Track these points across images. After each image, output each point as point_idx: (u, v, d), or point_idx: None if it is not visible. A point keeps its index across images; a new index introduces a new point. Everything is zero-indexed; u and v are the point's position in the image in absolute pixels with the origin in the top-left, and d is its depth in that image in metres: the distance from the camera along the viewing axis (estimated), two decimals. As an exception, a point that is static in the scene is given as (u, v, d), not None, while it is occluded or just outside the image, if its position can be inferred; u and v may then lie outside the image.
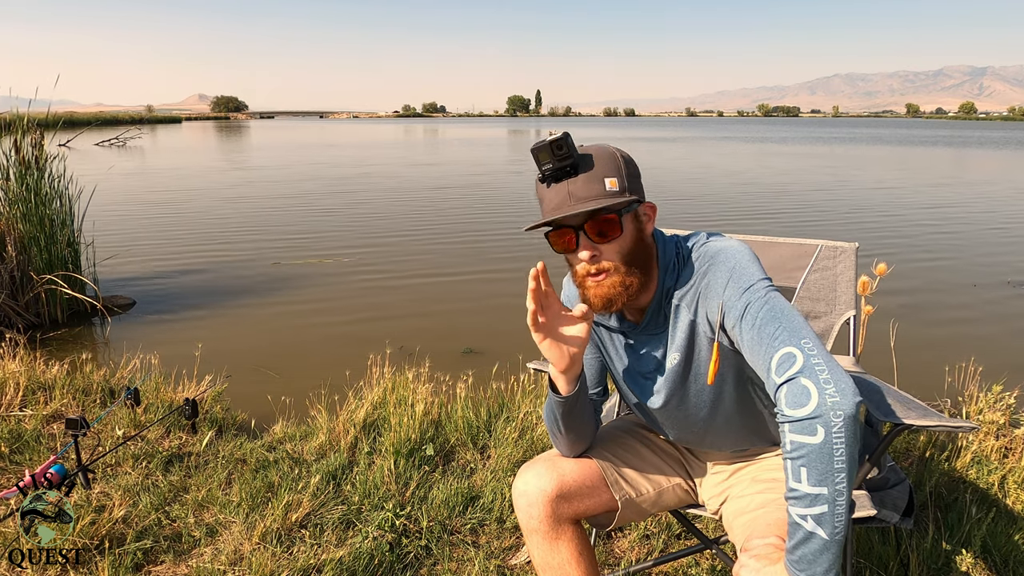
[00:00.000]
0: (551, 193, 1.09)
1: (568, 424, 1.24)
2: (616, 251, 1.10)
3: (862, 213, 9.73)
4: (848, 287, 1.90)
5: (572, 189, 1.07)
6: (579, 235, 1.09)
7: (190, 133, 49.36)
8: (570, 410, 1.21)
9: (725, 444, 1.31)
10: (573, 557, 1.24)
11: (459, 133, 52.83)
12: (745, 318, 1.04)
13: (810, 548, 0.89)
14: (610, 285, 1.11)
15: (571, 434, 1.26)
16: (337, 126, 79.93)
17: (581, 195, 1.07)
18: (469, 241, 7.69)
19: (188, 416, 2.58)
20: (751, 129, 65.20)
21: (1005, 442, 2.36)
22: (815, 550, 0.89)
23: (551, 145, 1.05)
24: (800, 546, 0.90)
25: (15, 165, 4.42)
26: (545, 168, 1.07)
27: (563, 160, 1.06)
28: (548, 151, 1.06)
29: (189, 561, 1.83)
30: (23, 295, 4.40)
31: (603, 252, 1.10)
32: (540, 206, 1.14)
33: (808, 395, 0.89)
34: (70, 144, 20.51)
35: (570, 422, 1.23)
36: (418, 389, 2.75)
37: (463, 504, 2.10)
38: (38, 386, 2.88)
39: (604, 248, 1.10)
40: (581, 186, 1.07)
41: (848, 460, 0.87)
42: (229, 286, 5.66)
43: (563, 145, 1.05)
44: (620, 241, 1.10)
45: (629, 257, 1.11)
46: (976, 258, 6.77)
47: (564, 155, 1.06)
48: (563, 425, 1.24)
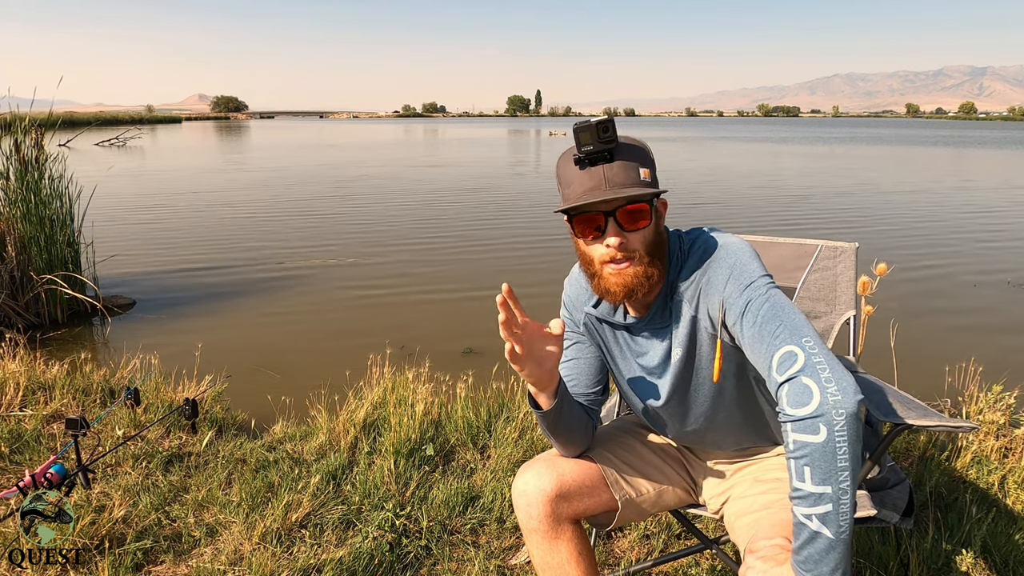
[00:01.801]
0: (584, 176, 1.09)
1: (557, 432, 1.24)
2: (642, 240, 1.11)
3: (861, 212, 9.73)
4: (848, 287, 1.90)
5: (608, 174, 1.07)
6: (608, 221, 1.09)
7: (190, 133, 49.36)
8: (555, 420, 1.20)
9: (726, 442, 1.31)
10: (573, 557, 1.24)
11: (459, 133, 52.84)
12: (746, 315, 1.04)
13: (816, 548, 0.89)
14: (632, 274, 1.11)
15: (563, 439, 1.26)
16: (337, 126, 79.93)
17: (617, 181, 1.07)
18: (469, 241, 7.69)
19: (188, 416, 2.58)
20: (752, 129, 65.21)
21: (1005, 442, 2.36)
22: (821, 550, 0.89)
23: (597, 127, 1.05)
24: (806, 546, 0.90)
25: (15, 165, 4.42)
26: (585, 149, 1.07)
27: (607, 144, 1.06)
28: (593, 132, 1.05)
29: (189, 561, 1.83)
30: (23, 295, 4.40)
31: (630, 240, 1.10)
32: (563, 189, 1.13)
33: (810, 394, 0.89)
34: (70, 144, 20.55)
35: (559, 429, 1.23)
36: (418, 389, 2.75)
37: (463, 504, 2.10)
38: (38, 386, 2.88)
39: (631, 237, 1.10)
40: (618, 172, 1.07)
41: (851, 458, 0.87)
42: (229, 286, 5.66)
43: (608, 128, 1.05)
44: (647, 230, 1.11)
45: (652, 248, 1.12)
46: (976, 258, 6.77)
47: (608, 138, 1.06)
48: (552, 433, 1.24)
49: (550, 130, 55.59)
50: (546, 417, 1.19)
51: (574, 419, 1.25)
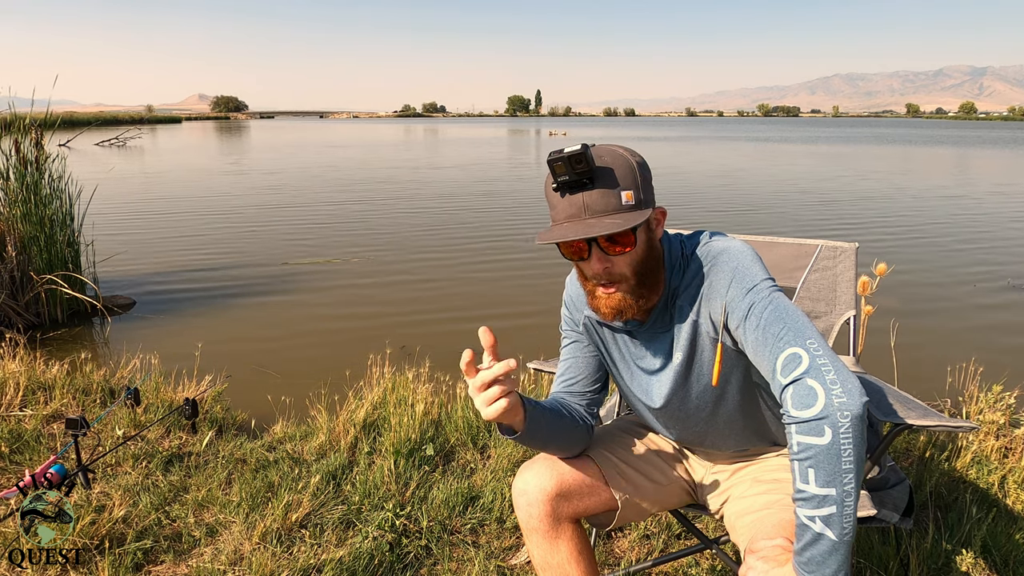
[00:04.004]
0: (564, 203, 1.06)
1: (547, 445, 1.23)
2: (628, 263, 1.09)
3: (861, 212, 9.74)
4: (848, 287, 1.90)
5: (588, 201, 1.04)
6: (591, 247, 1.07)
7: (190, 133, 49.36)
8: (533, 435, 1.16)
9: (726, 444, 1.31)
10: (572, 556, 1.24)
11: (460, 133, 52.84)
12: (749, 319, 1.03)
13: (819, 550, 0.89)
14: (620, 298, 1.10)
15: (553, 447, 1.25)
16: (337, 126, 79.95)
17: (597, 208, 1.03)
18: (470, 241, 7.69)
19: (188, 416, 2.58)
20: (753, 129, 65.19)
21: (1005, 442, 2.36)
22: (824, 551, 0.88)
23: (570, 159, 1.02)
24: (809, 548, 0.90)
25: (15, 165, 4.42)
26: (561, 179, 1.04)
27: (581, 174, 1.03)
28: (566, 163, 1.02)
29: (189, 561, 1.83)
30: (23, 295, 4.40)
31: (615, 264, 1.09)
32: (550, 210, 1.11)
33: (815, 396, 0.89)
34: (70, 144, 20.50)
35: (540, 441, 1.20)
36: (418, 389, 2.75)
37: (463, 504, 2.10)
38: (38, 386, 2.88)
39: (617, 260, 1.08)
40: (597, 199, 1.04)
41: (856, 461, 0.87)
42: (229, 286, 5.65)
43: (582, 159, 1.02)
44: (633, 253, 1.09)
45: (641, 268, 1.10)
46: (976, 258, 6.77)
47: (582, 169, 1.03)
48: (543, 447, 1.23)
49: (550, 130, 55.62)
50: (523, 439, 1.16)
51: (557, 423, 1.22)
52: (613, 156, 1.06)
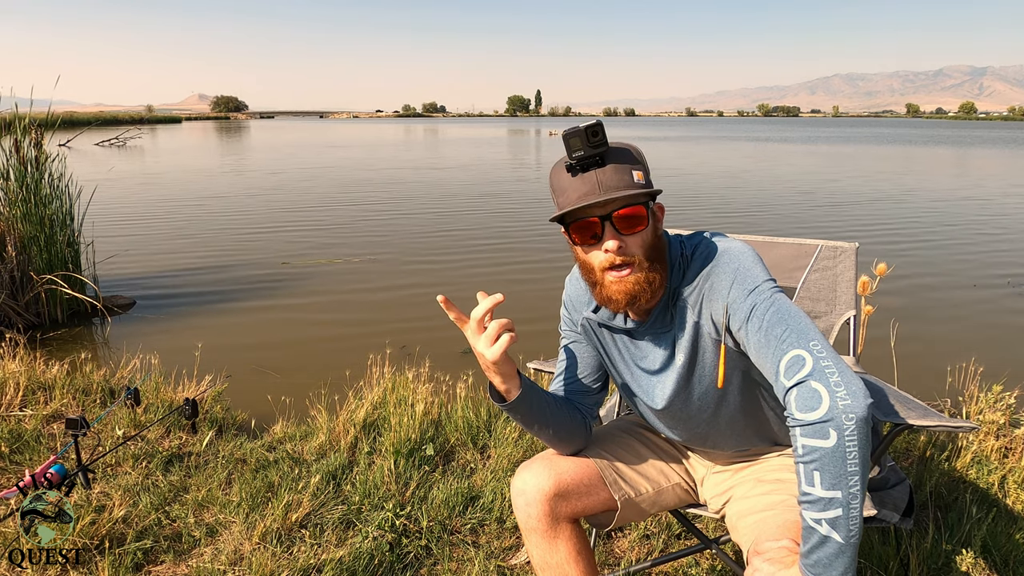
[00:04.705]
0: (577, 183, 1.07)
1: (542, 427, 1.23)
2: (640, 244, 1.09)
3: (861, 212, 9.73)
4: (848, 287, 1.90)
5: (602, 179, 1.05)
6: (605, 226, 1.08)
7: (190, 133, 49.35)
8: (527, 409, 1.19)
9: (728, 444, 1.31)
10: (571, 556, 1.24)
11: (460, 133, 52.83)
12: (751, 320, 1.03)
13: (825, 552, 0.89)
14: (634, 281, 1.09)
15: (546, 433, 1.25)
16: (337, 126, 79.93)
17: (611, 184, 1.05)
18: (470, 241, 7.69)
19: (188, 416, 2.58)
20: (753, 129, 65.17)
21: (1005, 442, 2.36)
22: (831, 554, 0.88)
23: (586, 131, 1.03)
24: (815, 550, 0.90)
25: (15, 165, 4.42)
26: (576, 155, 1.05)
27: (596, 148, 1.04)
28: (582, 137, 1.04)
29: (189, 561, 1.83)
30: (23, 295, 4.40)
31: (628, 244, 1.08)
32: (557, 198, 1.11)
33: (819, 398, 0.89)
34: (70, 144, 20.50)
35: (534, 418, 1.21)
36: (418, 389, 2.75)
37: (463, 504, 2.10)
38: (38, 386, 2.88)
39: (629, 240, 1.08)
40: (611, 175, 1.05)
41: (861, 463, 0.87)
42: (229, 286, 5.65)
43: (598, 131, 1.04)
44: (644, 234, 1.09)
45: (651, 252, 1.10)
46: (976, 258, 6.76)
47: (598, 142, 1.04)
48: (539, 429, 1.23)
49: (550, 130, 55.59)
50: (517, 408, 1.17)
51: (551, 408, 1.23)
52: (617, 141, 1.10)
